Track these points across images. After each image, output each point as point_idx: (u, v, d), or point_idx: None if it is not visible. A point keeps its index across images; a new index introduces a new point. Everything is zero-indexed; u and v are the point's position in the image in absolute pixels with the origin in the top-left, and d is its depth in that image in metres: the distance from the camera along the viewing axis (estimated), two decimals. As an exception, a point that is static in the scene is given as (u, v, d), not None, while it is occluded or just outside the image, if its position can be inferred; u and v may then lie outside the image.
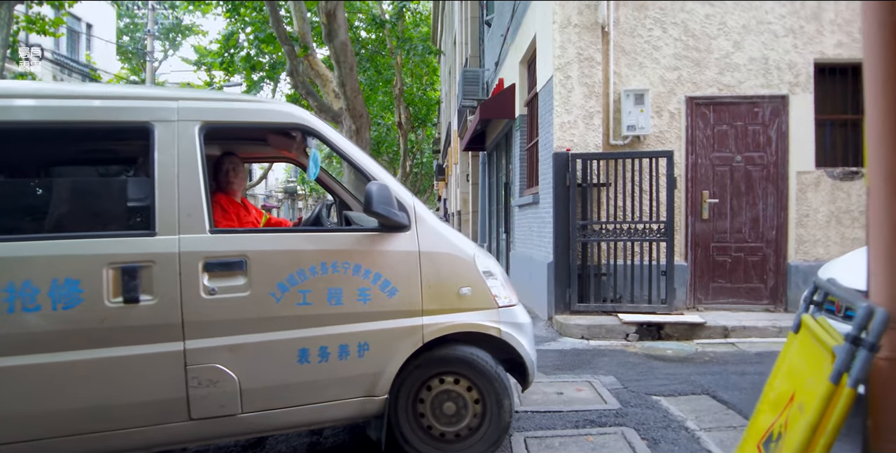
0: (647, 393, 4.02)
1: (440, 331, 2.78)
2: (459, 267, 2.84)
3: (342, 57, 10.17)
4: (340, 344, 2.67)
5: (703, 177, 6.47)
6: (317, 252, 2.67)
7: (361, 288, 2.69)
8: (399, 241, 2.75)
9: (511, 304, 2.99)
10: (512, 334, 2.90)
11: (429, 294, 2.77)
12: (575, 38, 6.31)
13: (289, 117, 2.80)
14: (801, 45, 6.43)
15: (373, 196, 2.58)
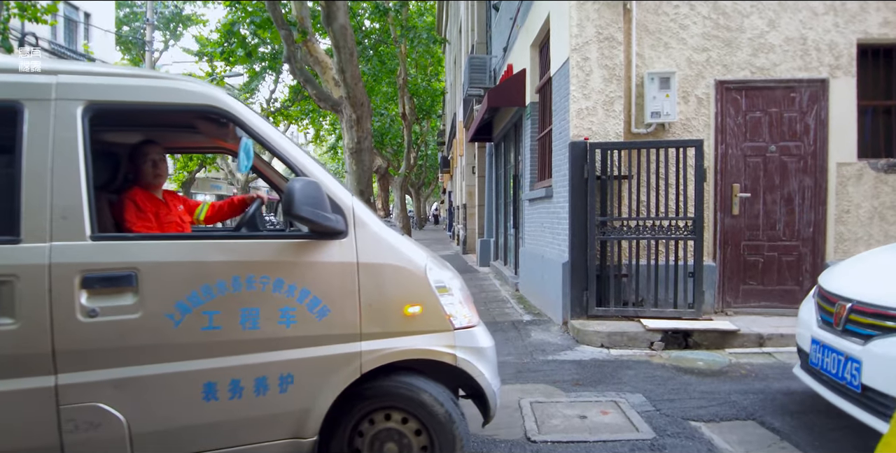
0: (684, 418, 3.49)
1: (382, 359, 2.31)
2: (407, 281, 2.36)
3: (342, 42, 9.60)
4: (257, 377, 2.20)
5: (733, 169, 5.90)
6: (228, 264, 2.19)
7: (284, 308, 2.22)
8: (333, 251, 2.28)
9: (470, 325, 2.48)
10: (470, 361, 2.41)
11: (369, 314, 2.30)
12: (594, 15, 5.74)
13: (198, 97, 2.28)
14: (843, 23, 5.84)
15: (294, 195, 2.09)
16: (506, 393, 3.98)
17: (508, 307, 7.46)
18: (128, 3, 30.36)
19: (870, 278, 3.02)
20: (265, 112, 31.26)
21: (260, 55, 17.29)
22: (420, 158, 34.48)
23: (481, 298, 8.27)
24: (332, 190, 2.32)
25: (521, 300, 7.89)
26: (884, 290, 2.75)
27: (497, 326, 6.24)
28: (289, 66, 10.10)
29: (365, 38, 17.88)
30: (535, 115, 7.81)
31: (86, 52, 23.62)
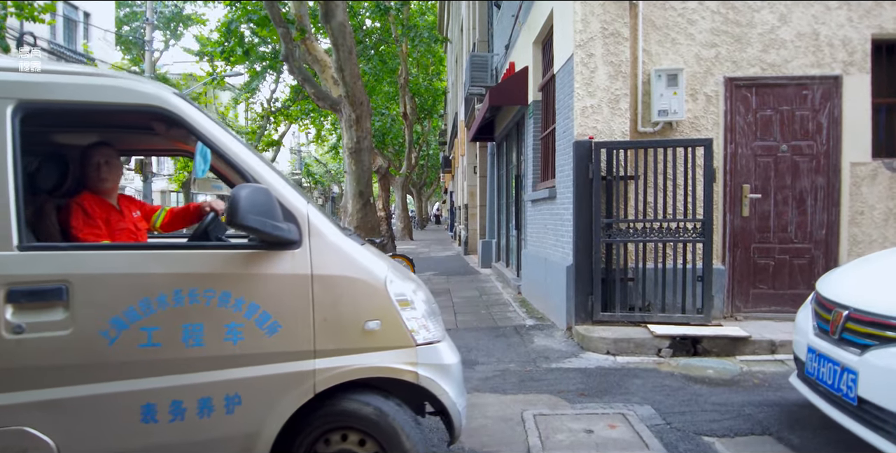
0: (696, 433, 3.30)
1: (338, 378, 2.16)
2: (366, 294, 2.21)
3: (340, 39, 9.42)
4: (201, 398, 2.05)
5: (743, 169, 5.71)
6: (170, 276, 2.04)
7: (231, 323, 2.07)
8: (285, 262, 2.13)
9: (433, 341, 2.32)
10: (433, 379, 2.26)
11: (324, 330, 2.14)
12: (599, 10, 5.55)
13: (142, 97, 2.11)
14: (857, 18, 5.64)
15: (239, 203, 1.94)
16: (508, 405, 3.81)
17: (510, 310, 7.27)
18: (128, 3, 30.24)
19: (869, 284, 2.86)
20: (266, 111, 31.16)
21: (260, 54, 17.14)
22: (421, 158, 34.32)
23: (483, 301, 8.09)
24: (286, 197, 2.18)
25: (523, 303, 7.70)
26: (883, 298, 2.60)
27: (499, 331, 6.05)
28: (287, 65, 9.92)
29: (366, 38, 17.71)
30: (538, 114, 7.62)
31: (85, 51, 23.49)
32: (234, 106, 33.79)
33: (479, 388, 4.17)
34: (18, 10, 14.02)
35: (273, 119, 31.72)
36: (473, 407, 3.77)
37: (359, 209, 9.91)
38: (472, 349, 5.32)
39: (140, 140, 3.14)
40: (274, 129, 34.10)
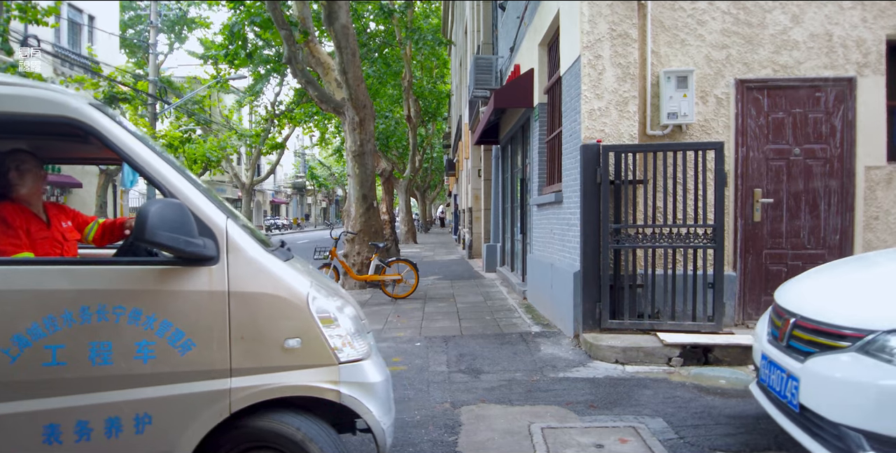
0: (712, 449, 3.17)
1: (255, 397, 2.11)
2: (286, 311, 2.14)
3: (343, 42, 9.34)
4: (109, 417, 1.98)
5: (754, 172, 5.57)
6: (77, 292, 1.97)
7: (141, 341, 2.01)
8: (200, 278, 2.08)
9: (358, 358, 2.26)
10: (356, 398, 2.21)
11: (241, 348, 2.09)
12: (606, 11, 5.43)
13: (52, 107, 2.04)
14: (872, 18, 5.51)
15: (147, 219, 1.90)
16: (515, 417, 3.68)
17: (516, 317, 7.14)
18: (132, 6, 30.28)
19: (818, 293, 2.83)
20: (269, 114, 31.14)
21: (264, 57, 17.08)
22: (425, 161, 34.26)
23: (487, 306, 7.96)
24: (204, 211, 2.11)
25: (528, 309, 7.58)
26: (828, 306, 2.59)
27: (504, 338, 5.93)
28: (290, 68, 9.85)
29: (369, 40, 17.64)
30: (544, 117, 7.50)
31: (89, 54, 23.49)
32: (238, 109, 33.80)
33: (485, 399, 4.05)
34: (22, 13, 14.01)
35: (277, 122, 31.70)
36: (479, 419, 3.66)
37: (362, 212, 9.82)
38: (477, 357, 5.20)
39: (74, 148, 3.03)
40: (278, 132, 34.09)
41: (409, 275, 8.94)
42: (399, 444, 3.32)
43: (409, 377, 4.63)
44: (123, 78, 23.61)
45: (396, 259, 9.31)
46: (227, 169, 33.89)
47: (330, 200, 71.31)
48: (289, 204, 60.11)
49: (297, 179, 59.52)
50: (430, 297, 8.96)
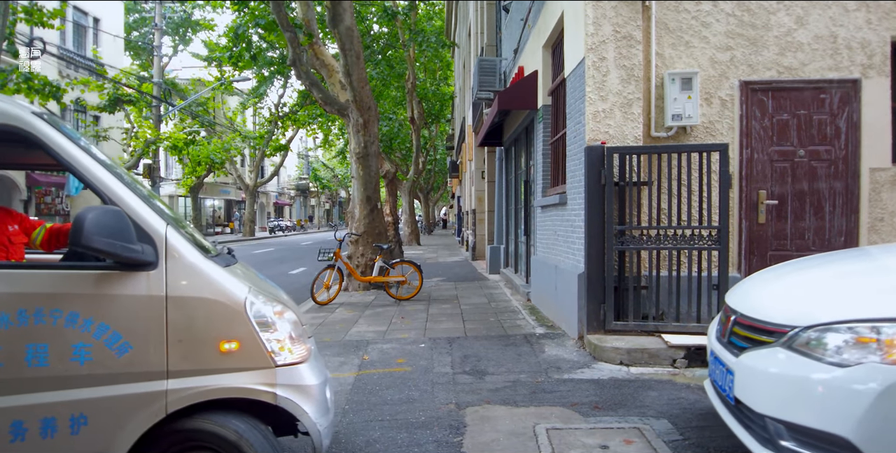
0: (716, 449, 3.17)
1: (192, 398, 2.17)
2: (223, 316, 2.22)
3: (348, 44, 9.37)
4: (44, 418, 2.02)
5: (759, 174, 5.58)
6: (13, 295, 2.02)
7: (78, 343, 2.06)
8: (138, 283, 2.14)
9: (296, 361, 2.33)
10: (292, 399, 2.27)
11: (178, 350, 2.16)
12: (611, 13, 5.44)
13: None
14: (876, 20, 5.51)
15: (83, 225, 1.95)
16: (520, 418, 3.69)
17: (520, 318, 7.15)
18: (137, 8, 30.39)
19: (758, 291, 2.94)
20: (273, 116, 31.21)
21: (268, 59, 17.14)
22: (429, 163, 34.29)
23: (491, 308, 7.97)
24: (143, 218, 2.18)
25: (532, 311, 7.58)
26: (762, 303, 2.69)
27: (509, 340, 5.93)
28: (295, 70, 9.87)
29: (373, 42, 17.69)
30: (548, 119, 7.51)
31: (95, 56, 23.58)
32: (243, 110, 33.90)
33: (490, 400, 4.06)
34: (27, 16, 14.08)
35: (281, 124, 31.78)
36: (484, 421, 3.66)
37: (366, 214, 9.84)
38: (482, 358, 5.21)
39: (21, 155, 3.05)
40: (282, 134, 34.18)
41: (413, 277, 8.96)
42: (404, 445, 3.33)
43: (414, 378, 4.64)
44: (128, 80, 23.71)
45: (400, 260, 9.32)
46: (231, 170, 33.99)
47: (333, 202, 71.42)
48: (292, 205, 60.22)
49: (301, 181, 59.62)
50: (434, 299, 8.97)
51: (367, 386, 4.47)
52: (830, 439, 2.07)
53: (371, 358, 5.33)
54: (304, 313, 7.81)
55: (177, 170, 35.26)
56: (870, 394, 1.99)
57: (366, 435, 3.49)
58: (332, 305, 8.40)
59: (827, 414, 2.09)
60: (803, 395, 2.18)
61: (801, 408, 2.19)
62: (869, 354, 2.07)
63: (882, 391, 1.98)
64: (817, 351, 2.21)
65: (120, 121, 26.88)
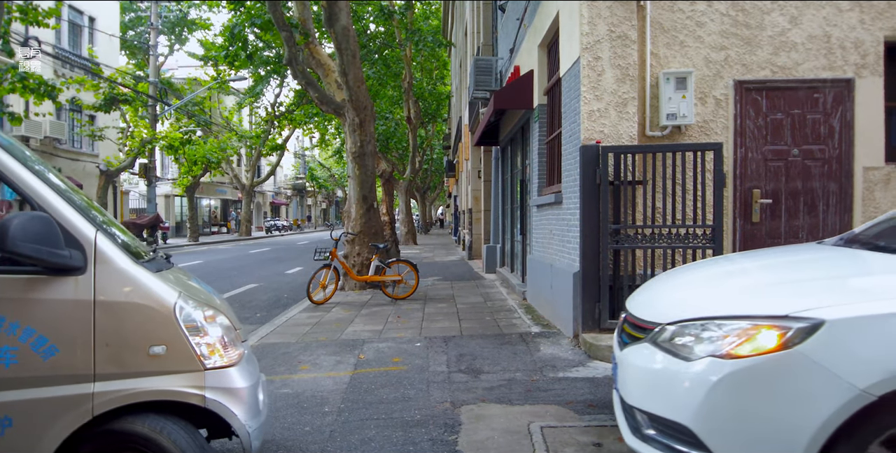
0: (711, 447, 3.18)
1: (119, 401, 2.21)
2: (152, 320, 2.26)
3: (344, 43, 9.38)
4: None
5: (753, 173, 5.60)
6: None
7: (3, 347, 2.10)
8: (66, 288, 2.17)
9: (226, 365, 2.38)
10: (221, 402, 2.32)
11: (105, 354, 2.19)
12: (606, 12, 5.46)
13: None
14: (870, 20, 5.54)
15: (8, 231, 1.98)
16: (515, 416, 3.70)
17: (515, 317, 7.16)
18: (133, 7, 30.29)
19: (648, 291, 3.08)
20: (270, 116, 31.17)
21: (264, 58, 17.10)
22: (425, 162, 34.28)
23: (487, 307, 7.98)
24: (72, 224, 2.20)
25: (528, 310, 7.60)
26: (646, 302, 2.83)
27: (504, 338, 5.95)
28: (291, 69, 9.87)
29: (370, 42, 17.67)
30: (544, 118, 7.53)
31: (90, 55, 23.51)
32: (239, 110, 33.81)
33: (485, 398, 4.07)
34: (23, 15, 14.04)
35: (277, 123, 31.75)
36: (479, 419, 3.67)
37: (362, 213, 9.84)
38: (478, 357, 5.22)
39: None
40: (278, 134, 34.15)
41: (410, 276, 8.97)
42: (400, 443, 3.34)
43: (410, 377, 4.65)
44: (124, 79, 23.65)
45: (397, 260, 9.33)
46: (228, 170, 33.94)
47: (330, 201, 71.36)
48: (289, 205, 60.16)
49: (297, 181, 59.57)
50: (431, 298, 8.98)
51: (363, 384, 4.48)
52: (676, 427, 2.24)
53: (367, 357, 5.34)
54: (301, 312, 7.82)
55: (173, 169, 35.20)
56: (705, 386, 2.14)
57: (361, 433, 3.50)
58: (328, 304, 8.40)
59: (674, 405, 2.25)
60: (659, 387, 2.36)
61: (657, 399, 2.35)
62: (709, 349, 2.22)
63: (714, 383, 2.13)
64: (672, 346, 2.37)
65: (116, 121, 26.82)
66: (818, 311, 2.07)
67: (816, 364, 2.01)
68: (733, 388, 2.11)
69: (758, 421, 2.07)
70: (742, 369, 2.10)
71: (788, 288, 2.42)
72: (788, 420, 2.03)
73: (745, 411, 2.09)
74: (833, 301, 2.12)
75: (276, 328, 6.78)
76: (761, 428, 2.07)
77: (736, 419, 2.11)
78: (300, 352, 5.56)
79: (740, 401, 2.11)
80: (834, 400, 1.96)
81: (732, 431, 2.12)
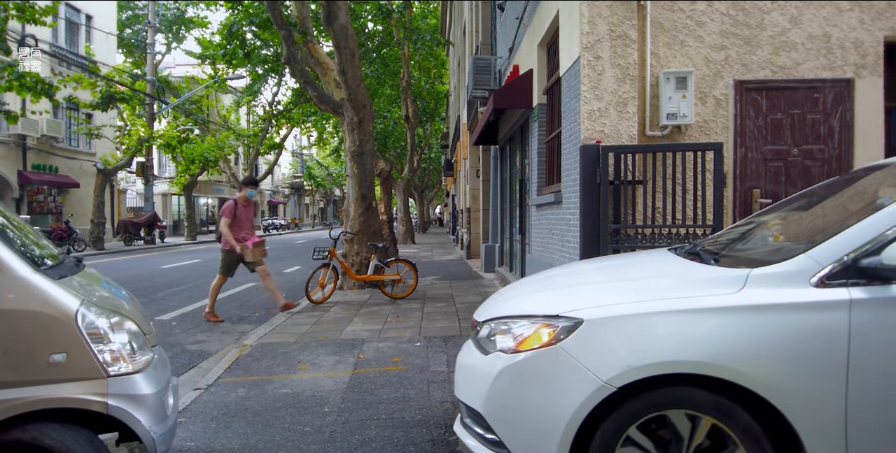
0: None
1: (16, 409, 2.19)
2: (52, 328, 2.24)
3: (343, 42, 9.35)
4: None
5: (753, 173, 5.60)
6: None
7: None
8: None
9: (131, 371, 2.38)
10: (125, 409, 2.33)
11: (2, 362, 2.19)
12: (606, 11, 5.45)
13: None
14: (869, 20, 5.54)
15: None
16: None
17: (515, 317, 7.15)
18: (130, 6, 30.19)
19: (496, 295, 3.21)
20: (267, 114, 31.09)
21: (262, 57, 17.07)
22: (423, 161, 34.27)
23: (486, 307, 7.97)
24: None
25: (527, 309, 7.58)
26: (484, 306, 2.96)
27: (504, 338, 5.94)
28: (289, 68, 9.85)
29: (368, 41, 17.64)
30: (543, 117, 7.52)
31: (87, 54, 23.43)
32: (236, 109, 33.74)
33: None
34: (20, 13, 13.98)
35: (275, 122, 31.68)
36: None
37: (361, 213, 9.82)
38: (477, 357, 5.21)
39: None
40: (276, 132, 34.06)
41: (408, 276, 8.95)
42: (400, 443, 3.33)
43: (409, 377, 4.64)
44: (121, 77, 23.57)
45: (395, 259, 9.32)
46: (225, 169, 33.85)
47: (328, 200, 71.30)
48: (286, 204, 60.09)
49: (295, 179, 59.50)
50: (429, 297, 8.97)
51: (363, 384, 4.47)
52: (474, 413, 2.51)
53: (366, 356, 5.33)
54: (299, 312, 7.80)
55: (170, 168, 35.13)
56: (491, 376, 2.39)
57: (362, 434, 3.49)
58: (326, 304, 8.38)
59: (473, 393, 2.52)
60: (469, 379, 2.61)
61: (468, 390, 2.59)
62: (503, 344, 2.47)
63: (497, 374, 2.38)
64: (482, 342, 2.61)
65: (113, 119, 26.73)
66: (581, 312, 2.31)
67: (572, 357, 2.24)
68: (511, 378, 2.35)
69: (528, 408, 2.31)
70: (519, 361, 2.35)
71: (574, 290, 2.69)
72: (551, 408, 2.24)
73: (519, 399, 2.33)
74: (596, 303, 2.35)
75: (275, 327, 6.77)
76: (531, 414, 2.30)
77: (512, 406, 2.35)
78: (299, 352, 5.55)
79: (515, 390, 2.34)
80: (583, 391, 2.17)
81: (510, 417, 2.36)
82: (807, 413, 2.06)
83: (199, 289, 10.64)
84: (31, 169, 22.68)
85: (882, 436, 2.05)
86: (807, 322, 2.09)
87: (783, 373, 2.07)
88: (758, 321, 2.12)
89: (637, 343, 2.18)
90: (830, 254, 2.13)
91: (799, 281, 2.14)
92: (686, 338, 2.15)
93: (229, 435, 3.54)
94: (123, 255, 20.19)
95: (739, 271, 2.28)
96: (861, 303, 2.07)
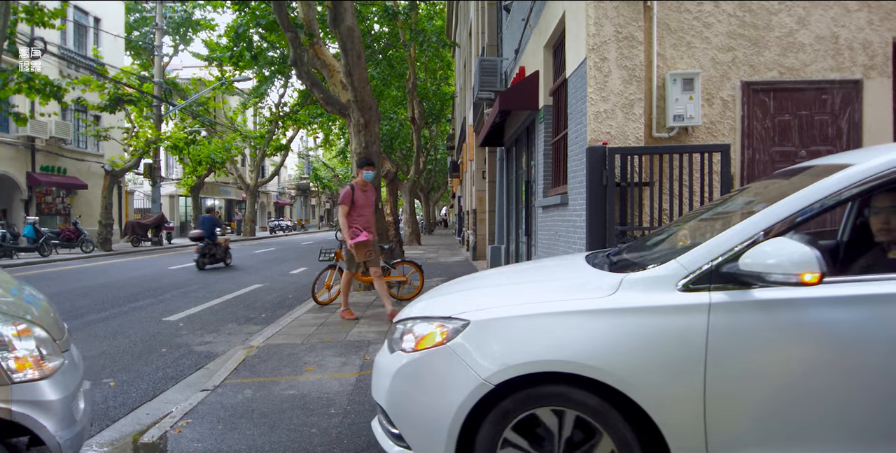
0: None
1: None
2: None
3: (349, 44, 9.38)
4: None
5: (760, 175, 5.57)
6: None
7: None
8: None
9: (37, 378, 2.39)
10: (29, 415, 2.33)
11: None
12: (612, 13, 5.44)
13: None
14: (878, 20, 5.51)
15: None
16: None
17: (521, 319, 7.14)
18: (137, 8, 30.37)
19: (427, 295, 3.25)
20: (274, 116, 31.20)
21: (268, 59, 17.14)
22: (429, 163, 34.29)
23: (492, 309, 7.96)
24: None
25: (534, 311, 7.57)
26: (406, 308, 2.98)
27: (510, 340, 5.93)
28: (295, 70, 9.88)
29: (374, 42, 17.69)
30: (549, 119, 7.51)
31: (95, 56, 23.58)
32: (243, 110, 33.87)
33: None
34: (28, 15, 14.09)
35: (281, 123, 31.80)
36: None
37: (367, 214, 9.83)
38: (483, 359, 5.20)
39: None
40: (282, 134, 34.20)
41: (414, 277, 8.96)
42: (406, 446, 3.33)
43: (416, 378, 4.64)
44: (129, 79, 23.72)
45: (401, 260, 9.32)
46: (232, 170, 34.01)
47: (334, 202, 71.43)
48: (293, 205, 60.24)
49: (302, 181, 59.65)
50: (435, 299, 8.95)
51: (369, 386, 4.46)
52: (381, 409, 2.62)
53: (373, 358, 5.33)
54: (306, 313, 7.81)
55: (177, 169, 35.28)
56: (391, 374, 2.52)
57: (368, 436, 3.50)
58: (333, 305, 8.40)
59: (379, 390, 2.63)
60: (377, 376, 2.71)
61: (375, 386, 2.71)
62: (404, 344, 2.58)
63: (395, 371, 2.50)
64: (392, 342, 2.70)
65: (121, 121, 26.91)
66: (469, 314, 2.42)
67: (458, 356, 2.34)
68: (408, 376, 2.47)
69: (420, 405, 2.43)
70: (415, 360, 2.46)
71: (474, 292, 2.77)
72: (438, 404, 2.35)
73: (413, 395, 2.46)
74: (484, 305, 2.46)
75: (282, 329, 6.79)
76: (422, 412, 2.42)
77: (408, 402, 2.48)
78: (305, 353, 5.56)
79: (410, 387, 2.47)
80: (465, 388, 2.28)
81: (406, 413, 2.48)
82: (668, 411, 2.14)
83: (205, 291, 10.68)
84: (39, 170, 22.84)
85: (738, 434, 2.12)
86: (669, 324, 2.17)
87: (646, 373, 2.15)
88: (624, 323, 2.21)
89: (515, 343, 2.29)
90: (697, 259, 2.21)
91: (667, 285, 2.22)
92: (558, 339, 2.24)
93: (236, 436, 3.55)
94: (131, 256, 20.30)
95: (616, 276, 2.38)
96: (719, 307, 2.14)
